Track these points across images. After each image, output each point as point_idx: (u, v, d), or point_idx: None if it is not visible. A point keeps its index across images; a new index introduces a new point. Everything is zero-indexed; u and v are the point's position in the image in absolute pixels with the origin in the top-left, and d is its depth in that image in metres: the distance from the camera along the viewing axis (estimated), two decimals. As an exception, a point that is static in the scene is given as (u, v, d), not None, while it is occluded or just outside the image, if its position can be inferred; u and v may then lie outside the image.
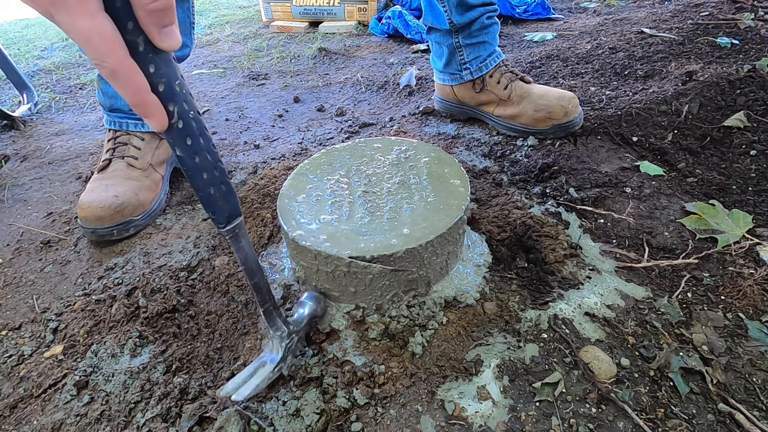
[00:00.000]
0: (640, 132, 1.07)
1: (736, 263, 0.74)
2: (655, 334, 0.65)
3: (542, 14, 2.20)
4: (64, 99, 1.74)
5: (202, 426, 0.58)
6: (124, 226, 0.91)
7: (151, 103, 0.36)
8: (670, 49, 1.43)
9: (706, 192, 0.90)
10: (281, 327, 0.58)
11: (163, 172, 1.04)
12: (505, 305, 0.69)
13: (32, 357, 0.70)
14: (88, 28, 0.31)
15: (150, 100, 0.36)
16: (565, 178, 0.96)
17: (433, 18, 1.16)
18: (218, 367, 0.66)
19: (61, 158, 1.28)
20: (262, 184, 1.00)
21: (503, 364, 0.62)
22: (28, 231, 0.99)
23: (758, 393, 0.57)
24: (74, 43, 2.38)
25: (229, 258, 0.84)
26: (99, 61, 0.32)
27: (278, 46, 2.24)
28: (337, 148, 0.87)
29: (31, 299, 0.81)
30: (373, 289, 0.64)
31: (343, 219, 0.68)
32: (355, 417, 0.57)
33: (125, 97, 0.35)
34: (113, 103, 1.01)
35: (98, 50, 0.32)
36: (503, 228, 0.82)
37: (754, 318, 0.66)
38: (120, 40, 0.32)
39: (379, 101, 1.51)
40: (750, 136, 1.01)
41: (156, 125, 0.37)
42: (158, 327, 0.72)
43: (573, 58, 1.53)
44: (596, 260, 0.78)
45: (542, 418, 0.56)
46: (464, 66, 1.17)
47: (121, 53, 0.33)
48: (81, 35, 0.31)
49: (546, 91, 1.10)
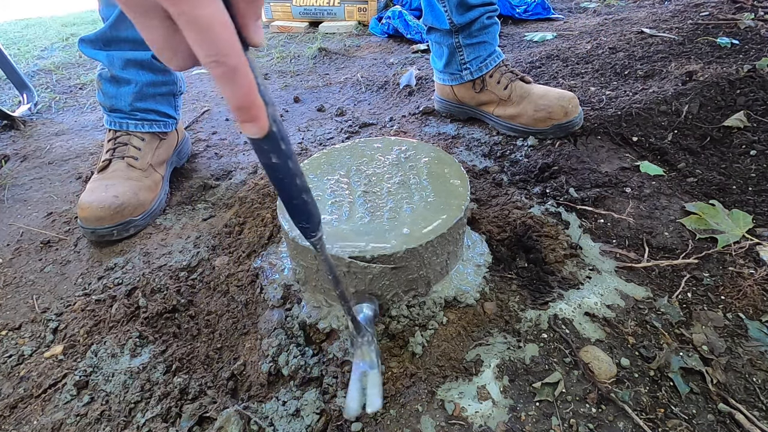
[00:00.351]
0: (640, 132, 1.07)
1: (736, 263, 0.74)
2: (655, 334, 0.65)
3: (542, 14, 2.20)
4: (64, 99, 1.74)
5: (202, 426, 0.58)
6: (124, 227, 0.91)
7: (260, 104, 0.32)
8: (670, 49, 1.43)
9: (706, 192, 0.90)
10: (367, 332, 0.57)
11: (163, 173, 1.04)
12: (505, 305, 0.69)
13: (32, 357, 0.70)
14: (211, 16, 0.27)
15: (259, 102, 0.31)
16: (565, 178, 0.96)
17: (434, 18, 1.16)
18: (218, 367, 0.66)
19: (61, 158, 1.28)
20: (262, 184, 1.00)
21: (503, 364, 0.62)
22: (28, 231, 0.99)
23: (758, 393, 0.57)
24: (74, 44, 2.38)
25: (229, 258, 0.84)
26: (220, 57, 0.28)
27: (278, 46, 2.24)
28: (337, 148, 0.87)
29: (31, 299, 0.81)
30: (373, 289, 0.64)
31: (343, 219, 0.68)
32: (355, 417, 0.57)
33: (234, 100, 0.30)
34: (113, 104, 1.01)
35: (221, 43, 0.28)
36: (503, 228, 0.82)
37: (754, 318, 0.66)
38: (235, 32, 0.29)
39: (379, 101, 1.51)
40: (750, 136, 1.01)
41: (258, 130, 0.33)
42: (158, 327, 0.72)
43: (573, 58, 1.53)
44: (596, 260, 0.78)
45: (542, 418, 0.56)
46: (464, 66, 1.17)
47: (239, 47, 0.29)
48: (203, 26, 0.27)
49: (546, 91, 1.10)
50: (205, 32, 0.27)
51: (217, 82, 0.29)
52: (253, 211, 0.92)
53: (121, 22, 0.93)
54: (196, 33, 0.27)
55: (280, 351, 0.64)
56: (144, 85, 1.00)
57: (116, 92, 1.00)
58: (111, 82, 1.00)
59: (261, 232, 0.87)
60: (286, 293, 0.73)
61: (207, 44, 0.27)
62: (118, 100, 1.00)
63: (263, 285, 0.76)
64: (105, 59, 0.98)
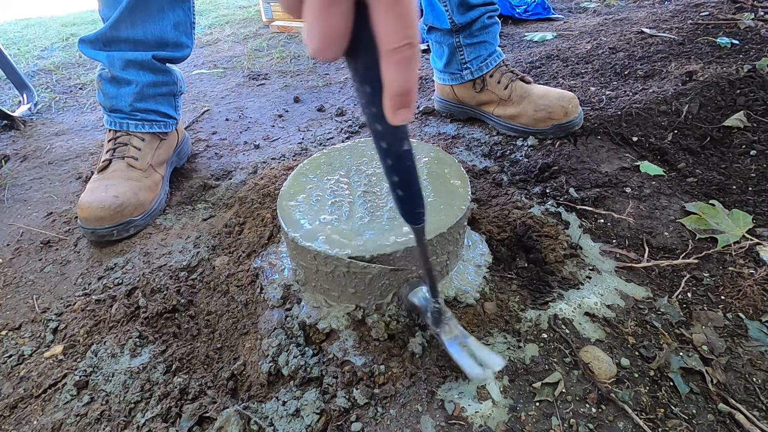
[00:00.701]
0: (640, 132, 1.07)
1: (736, 263, 0.74)
2: (655, 334, 0.65)
3: (542, 14, 2.20)
4: (64, 99, 1.74)
5: (202, 426, 0.58)
6: (124, 227, 0.91)
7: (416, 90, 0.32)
8: (670, 49, 1.43)
9: (706, 192, 0.90)
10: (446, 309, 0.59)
11: (163, 173, 1.04)
12: (505, 305, 0.69)
13: (32, 357, 0.70)
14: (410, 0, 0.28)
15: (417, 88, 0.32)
16: (565, 178, 0.96)
17: (434, 18, 1.16)
18: (218, 367, 0.66)
19: (61, 158, 1.28)
20: (262, 184, 1.00)
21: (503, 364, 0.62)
22: (28, 231, 0.99)
23: (758, 393, 0.57)
24: (74, 44, 2.38)
25: (229, 258, 0.84)
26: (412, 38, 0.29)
27: (278, 46, 2.24)
28: (337, 148, 0.87)
29: (31, 299, 0.81)
30: (372, 289, 0.64)
31: (343, 219, 0.68)
32: (355, 417, 0.57)
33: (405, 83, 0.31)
34: (113, 104, 1.01)
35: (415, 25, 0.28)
36: (503, 228, 0.82)
37: (754, 318, 0.66)
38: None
39: (379, 101, 1.51)
40: (750, 136, 1.01)
41: (410, 115, 0.33)
42: (158, 327, 0.72)
43: (573, 58, 1.53)
44: (596, 260, 0.78)
45: (542, 418, 0.56)
46: (464, 66, 1.17)
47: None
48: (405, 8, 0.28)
49: (546, 91, 1.10)
50: (406, 15, 0.28)
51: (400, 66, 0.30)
52: (253, 211, 0.93)
53: (121, 22, 0.93)
54: (397, 16, 0.28)
55: (280, 351, 0.64)
56: (144, 85, 1.00)
57: (116, 92, 1.00)
58: (111, 83, 1.00)
59: (261, 232, 0.87)
60: (286, 293, 0.73)
61: (405, 26, 0.28)
62: (119, 101, 1.00)
63: (263, 285, 0.76)
64: (105, 59, 0.98)
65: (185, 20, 1.03)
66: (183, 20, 1.02)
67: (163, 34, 0.98)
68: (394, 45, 0.29)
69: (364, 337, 0.65)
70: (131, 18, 0.93)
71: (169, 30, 0.99)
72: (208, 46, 2.34)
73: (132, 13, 0.93)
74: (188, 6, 1.03)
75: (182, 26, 1.02)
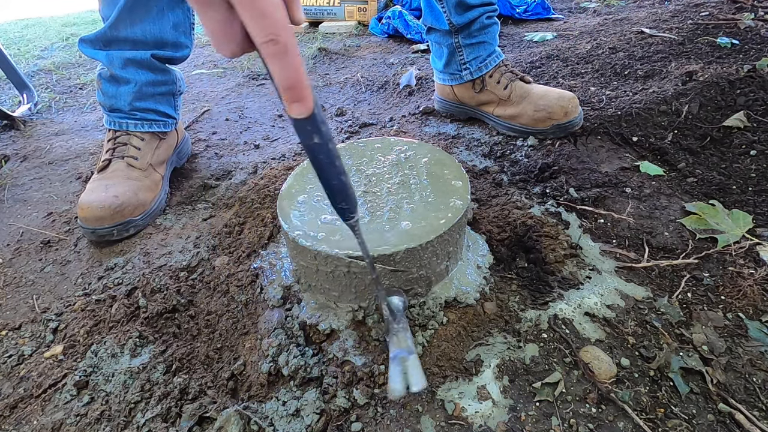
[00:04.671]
0: (640, 132, 1.07)
1: (736, 263, 0.74)
2: (655, 334, 0.65)
3: (542, 14, 2.20)
4: (64, 99, 1.74)
5: (202, 426, 0.58)
6: (124, 227, 0.91)
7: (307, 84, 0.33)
8: (670, 49, 1.43)
9: (706, 192, 0.90)
10: (403, 319, 0.58)
11: (162, 172, 1.04)
12: (505, 305, 0.69)
13: (32, 357, 0.70)
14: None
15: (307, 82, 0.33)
16: (565, 178, 0.96)
17: (433, 18, 1.16)
18: (218, 367, 0.66)
19: (61, 158, 1.28)
20: (262, 184, 1.00)
21: (503, 364, 0.62)
22: (28, 231, 0.99)
23: (758, 393, 0.57)
24: (74, 44, 2.38)
25: (229, 258, 0.84)
26: (275, 35, 0.30)
27: (278, 46, 2.24)
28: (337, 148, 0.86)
29: (31, 299, 0.81)
30: (373, 289, 0.64)
31: (343, 219, 0.68)
32: (355, 417, 0.57)
33: (285, 79, 0.33)
34: (113, 103, 1.01)
35: (277, 22, 0.30)
36: (503, 228, 0.82)
37: (754, 318, 0.66)
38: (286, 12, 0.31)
39: (379, 101, 1.51)
40: (750, 136, 1.01)
41: (305, 109, 0.35)
42: (158, 327, 0.72)
43: (573, 58, 1.53)
44: (596, 260, 0.78)
45: (542, 418, 0.56)
46: (464, 66, 1.17)
47: (290, 26, 0.31)
48: (259, 7, 0.29)
49: (546, 91, 1.10)
50: (262, 12, 0.30)
51: (271, 61, 0.32)
52: (253, 211, 0.92)
53: (121, 21, 0.93)
54: (253, 14, 0.30)
55: (280, 351, 0.64)
56: (143, 84, 1.00)
57: (116, 92, 1.00)
58: (110, 82, 1.00)
59: (261, 232, 0.87)
60: (286, 293, 0.73)
61: (263, 24, 0.30)
62: (118, 100, 1.00)
63: (263, 285, 0.76)
64: (105, 59, 0.98)
65: (185, 21, 1.03)
66: (182, 21, 1.02)
67: (162, 34, 0.98)
68: (259, 41, 0.31)
69: (364, 337, 0.65)
70: (130, 18, 0.93)
71: (168, 30, 0.99)
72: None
73: (131, 12, 0.93)
74: (188, 7, 1.03)
75: (181, 26, 1.02)
